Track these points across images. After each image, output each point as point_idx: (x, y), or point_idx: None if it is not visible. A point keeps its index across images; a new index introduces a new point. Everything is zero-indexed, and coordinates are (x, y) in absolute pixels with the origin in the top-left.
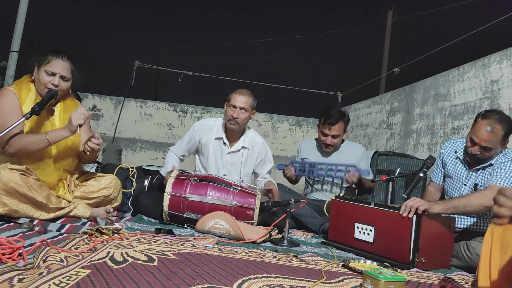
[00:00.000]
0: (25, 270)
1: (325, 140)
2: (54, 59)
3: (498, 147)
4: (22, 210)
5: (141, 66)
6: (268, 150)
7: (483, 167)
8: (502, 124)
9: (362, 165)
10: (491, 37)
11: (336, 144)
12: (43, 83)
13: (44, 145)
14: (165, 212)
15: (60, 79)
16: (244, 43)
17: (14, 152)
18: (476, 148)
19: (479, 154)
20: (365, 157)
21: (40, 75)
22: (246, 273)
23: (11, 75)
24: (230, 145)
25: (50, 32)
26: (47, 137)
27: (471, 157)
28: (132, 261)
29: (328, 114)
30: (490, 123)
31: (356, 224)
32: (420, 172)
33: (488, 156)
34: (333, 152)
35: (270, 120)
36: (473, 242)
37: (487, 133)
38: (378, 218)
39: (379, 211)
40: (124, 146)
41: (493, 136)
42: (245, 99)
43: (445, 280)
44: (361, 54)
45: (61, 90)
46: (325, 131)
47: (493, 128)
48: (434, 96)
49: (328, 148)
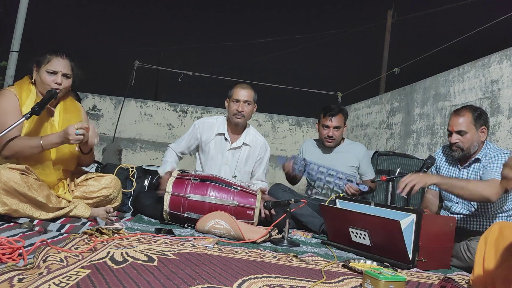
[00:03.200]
0: (25, 270)
1: (327, 133)
2: (53, 58)
3: (475, 132)
4: (22, 209)
5: (141, 66)
6: (268, 150)
7: (471, 162)
8: (470, 110)
9: (364, 165)
10: (491, 37)
11: (337, 138)
12: (47, 83)
13: (37, 150)
14: (166, 211)
15: (63, 77)
16: (244, 43)
17: (8, 155)
18: (454, 137)
19: (458, 141)
20: (366, 157)
21: (42, 76)
22: (246, 273)
23: (11, 75)
24: (232, 142)
25: (50, 32)
26: (41, 142)
27: (455, 150)
28: (132, 261)
29: (328, 107)
30: (458, 111)
31: (350, 229)
32: (420, 172)
33: (469, 144)
34: (334, 150)
35: (270, 120)
36: (473, 242)
37: (456, 118)
38: (369, 223)
39: (368, 217)
40: (124, 146)
41: (463, 119)
42: (247, 92)
43: (445, 280)
44: (361, 54)
45: (64, 88)
46: (326, 123)
47: (460, 112)
48: (434, 96)
49: (329, 141)
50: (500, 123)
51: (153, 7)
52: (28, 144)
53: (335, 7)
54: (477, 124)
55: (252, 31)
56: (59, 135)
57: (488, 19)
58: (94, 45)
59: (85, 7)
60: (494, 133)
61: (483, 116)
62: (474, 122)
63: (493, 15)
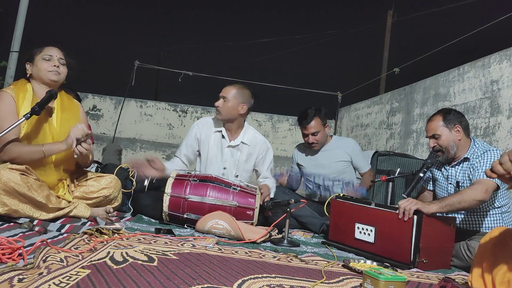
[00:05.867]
0: (25, 270)
1: (308, 140)
2: (46, 47)
3: (449, 133)
4: (22, 210)
5: (141, 66)
6: (269, 149)
7: (459, 162)
8: (440, 113)
9: (356, 159)
10: (491, 37)
11: (319, 141)
12: (45, 69)
13: (39, 156)
14: (165, 212)
15: (59, 62)
16: (244, 43)
17: (7, 159)
18: (431, 142)
19: (435, 145)
20: (357, 150)
21: (38, 64)
22: (246, 273)
23: (11, 75)
24: (230, 139)
25: (50, 32)
26: (43, 149)
27: (438, 154)
28: (132, 261)
29: (302, 114)
30: (430, 117)
31: (357, 225)
32: (420, 172)
33: (446, 145)
34: (321, 149)
35: (270, 120)
36: (473, 242)
37: (428, 124)
38: (379, 219)
39: (379, 211)
40: (124, 146)
41: (433, 123)
42: (226, 89)
43: (445, 280)
44: (361, 54)
45: (61, 73)
46: (304, 131)
47: (431, 118)
48: (434, 96)
49: (313, 146)
50: (500, 123)
51: (153, 7)
52: (28, 150)
53: (335, 7)
54: (448, 125)
55: (252, 31)
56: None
57: (488, 19)
58: (94, 45)
59: (85, 7)
60: (494, 133)
61: (455, 116)
62: (445, 124)
63: (493, 15)
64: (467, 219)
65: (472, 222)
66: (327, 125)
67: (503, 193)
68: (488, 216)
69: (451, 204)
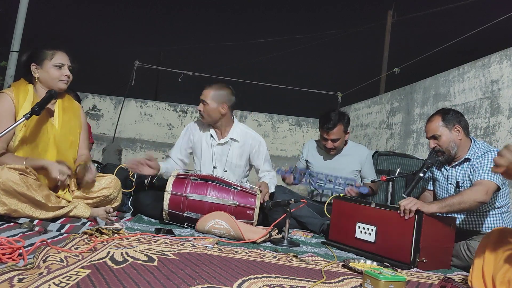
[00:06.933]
0: (25, 270)
1: (326, 144)
2: (57, 52)
3: (449, 133)
4: (22, 209)
5: (141, 66)
6: (261, 143)
7: (459, 162)
8: (439, 113)
9: (365, 168)
10: (491, 37)
11: (338, 147)
12: (57, 78)
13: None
14: (165, 211)
15: (68, 70)
16: (244, 43)
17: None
18: (431, 143)
19: (436, 145)
20: (369, 160)
21: (49, 71)
22: (246, 273)
23: (11, 75)
24: (219, 138)
25: (50, 32)
26: (24, 162)
27: (438, 154)
28: (132, 261)
29: (326, 118)
30: (430, 118)
31: (358, 224)
32: (420, 172)
33: (446, 146)
34: (336, 155)
35: (270, 120)
36: (473, 242)
37: (428, 125)
38: (380, 218)
39: (380, 211)
40: (124, 146)
41: (433, 124)
42: (204, 92)
43: (445, 280)
44: (361, 54)
45: (69, 81)
46: (324, 135)
47: (431, 118)
48: (434, 96)
49: (330, 152)
50: (500, 123)
51: (153, 7)
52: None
53: (335, 7)
54: (448, 125)
55: (252, 31)
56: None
57: (488, 19)
58: (94, 45)
59: (85, 7)
60: (494, 133)
61: (454, 116)
62: (445, 124)
63: (493, 15)
64: (467, 219)
65: (472, 222)
66: (348, 132)
67: (503, 194)
68: (488, 216)
69: (451, 205)
